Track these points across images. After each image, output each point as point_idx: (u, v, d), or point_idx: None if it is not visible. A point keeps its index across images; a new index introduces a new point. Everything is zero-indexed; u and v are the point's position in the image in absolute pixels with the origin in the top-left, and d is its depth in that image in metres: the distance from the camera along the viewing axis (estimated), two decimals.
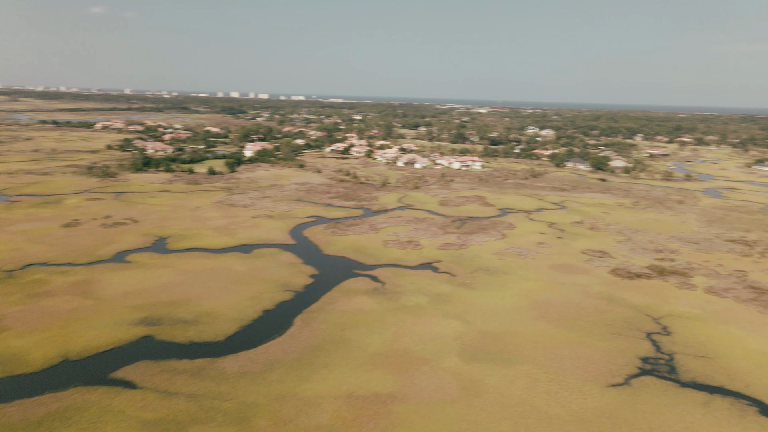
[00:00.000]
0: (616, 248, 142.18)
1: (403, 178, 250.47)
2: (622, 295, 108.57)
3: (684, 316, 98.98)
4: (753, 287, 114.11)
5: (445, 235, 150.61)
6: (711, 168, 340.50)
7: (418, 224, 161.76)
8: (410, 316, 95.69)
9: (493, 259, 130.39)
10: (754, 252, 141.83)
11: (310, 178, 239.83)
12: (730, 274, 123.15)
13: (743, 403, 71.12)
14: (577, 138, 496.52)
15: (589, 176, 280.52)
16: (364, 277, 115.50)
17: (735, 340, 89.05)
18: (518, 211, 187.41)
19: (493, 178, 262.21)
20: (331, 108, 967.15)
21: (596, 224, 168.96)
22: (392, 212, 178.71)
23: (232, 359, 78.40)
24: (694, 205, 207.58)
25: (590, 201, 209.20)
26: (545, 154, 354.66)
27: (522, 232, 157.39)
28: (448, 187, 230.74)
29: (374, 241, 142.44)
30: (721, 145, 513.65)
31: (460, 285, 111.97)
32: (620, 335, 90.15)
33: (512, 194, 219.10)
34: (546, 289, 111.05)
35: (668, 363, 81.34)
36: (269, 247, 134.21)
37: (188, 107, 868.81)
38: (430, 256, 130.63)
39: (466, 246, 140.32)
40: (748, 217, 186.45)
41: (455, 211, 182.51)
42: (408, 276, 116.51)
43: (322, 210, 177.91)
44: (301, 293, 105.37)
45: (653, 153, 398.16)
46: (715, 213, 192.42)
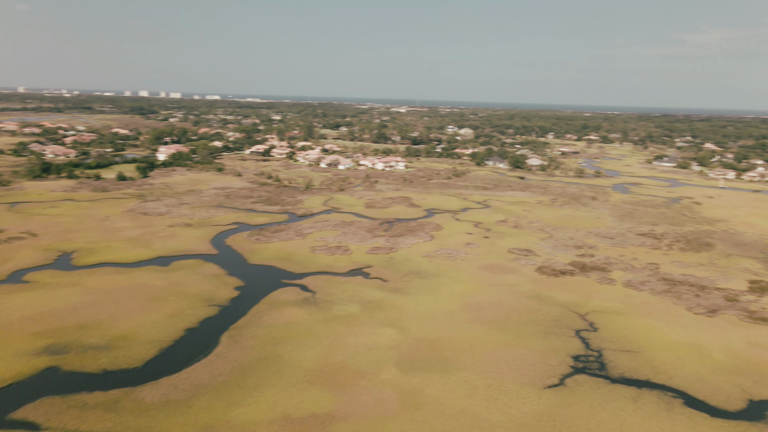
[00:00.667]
0: (540, 246, 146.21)
1: (328, 180, 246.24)
2: (549, 293, 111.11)
3: (607, 311, 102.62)
4: (665, 279, 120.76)
5: (374, 238, 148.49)
6: (617, 164, 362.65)
7: (345, 228, 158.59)
8: (344, 326, 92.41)
9: (424, 261, 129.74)
10: (663, 245, 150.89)
11: (231, 183, 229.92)
12: (644, 267, 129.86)
13: (669, 395, 73.99)
14: (495, 137, 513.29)
15: (509, 174, 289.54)
16: (293, 286, 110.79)
17: (655, 333, 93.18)
18: (444, 211, 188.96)
19: (417, 178, 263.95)
20: (249, 108, 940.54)
21: (519, 222, 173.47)
22: (318, 216, 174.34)
23: (153, 387, 71.60)
24: (605, 200, 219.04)
25: (512, 199, 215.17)
26: (466, 153, 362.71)
27: (449, 232, 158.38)
28: (374, 189, 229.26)
29: (301, 247, 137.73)
30: (623, 143, 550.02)
31: (392, 291, 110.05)
32: (551, 334, 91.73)
33: (437, 194, 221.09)
34: (477, 290, 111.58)
35: (598, 359, 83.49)
36: (189, 259, 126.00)
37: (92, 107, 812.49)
38: (360, 262, 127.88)
39: (396, 249, 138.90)
40: (654, 211, 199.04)
41: (382, 213, 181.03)
42: (339, 283, 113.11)
43: (245, 216, 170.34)
44: (226, 308, 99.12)
45: (565, 151, 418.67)
46: (625, 208, 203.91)
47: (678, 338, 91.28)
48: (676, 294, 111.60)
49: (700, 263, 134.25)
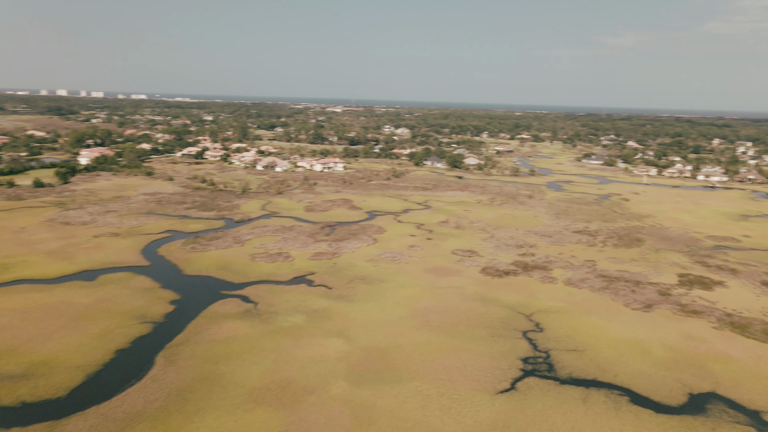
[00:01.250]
0: (483, 246, 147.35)
1: (265, 183, 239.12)
2: (495, 294, 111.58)
3: (551, 310, 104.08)
4: (603, 276, 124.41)
5: (316, 243, 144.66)
6: (549, 162, 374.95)
7: (286, 233, 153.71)
8: (289, 338, 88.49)
9: (368, 266, 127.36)
10: (597, 241, 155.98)
11: (162, 187, 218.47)
12: (582, 264, 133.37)
13: (616, 393, 75.28)
14: (431, 136, 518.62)
15: (447, 174, 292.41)
16: (233, 297, 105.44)
17: (598, 330, 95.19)
18: (386, 213, 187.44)
19: (357, 179, 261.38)
20: (179, 108, 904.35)
21: (461, 223, 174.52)
22: (257, 221, 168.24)
23: (80, 419, 65.22)
24: (541, 199, 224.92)
25: (452, 199, 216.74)
26: (404, 153, 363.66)
27: (392, 235, 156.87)
28: (313, 191, 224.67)
29: (240, 255, 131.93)
30: (553, 141, 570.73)
31: (338, 298, 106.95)
32: (500, 337, 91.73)
33: (378, 196, 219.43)
34: (424, 294, 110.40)
35: (546, 361, 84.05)
36: (118, 272, 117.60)
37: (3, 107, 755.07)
38: (303, 268, 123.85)
39: (339, 254, 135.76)
40: (587, 209, 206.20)
41: (323, 217, 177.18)
42: (282, 293, 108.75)
43: (178, 223, 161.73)
44: (161, 324, 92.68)
45: (500, 150, 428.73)
46: (560, 206, 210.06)
47: (619, 335, 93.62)
48: (614, 290, 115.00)
49: (633, 258, 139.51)
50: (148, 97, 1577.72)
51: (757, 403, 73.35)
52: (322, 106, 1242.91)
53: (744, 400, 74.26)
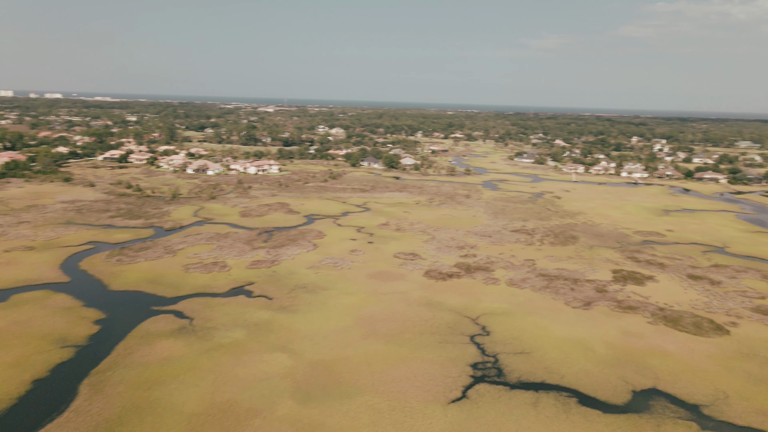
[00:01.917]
0: (424, 248, 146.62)
1: (196, 187, 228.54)
2: (439, 298, 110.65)
3: (496, 312, 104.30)
4: (543, 275, 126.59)
5: (254, 251, 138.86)
6: (483, 161, 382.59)
7: (221, 241, 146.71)
8: (229, 356, 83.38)
9: (309, 273, 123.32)
10: (535, 240, 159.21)
11: (82, 194, 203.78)
12: (522, 264, 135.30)
13: (564, 395, 75.71)
14: (366, 136, 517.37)
15: (385, 175, 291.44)
16: (166, 314, 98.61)
17: (542, 331, 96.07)
18: (325, 216, 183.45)
19: (293, 182, 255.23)
20: (99, 108, 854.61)
21: (401, 225, 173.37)
22: (189, 229, 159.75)
23: None
24: (478, 198, 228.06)
25: (391, 201, 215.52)
26: (340, 154, 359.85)
27: (333, 239, 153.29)
28: (248, 195, 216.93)
29: (173, 266, 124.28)
30: (486, 140, 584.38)
31: (279, 309, 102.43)
32: (448, 342, 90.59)
33: (315, 198, 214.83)
34: (368, 302, 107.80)
35: (495, 365, 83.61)
36: (34, 290, 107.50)
37: None
38: (240, 278, 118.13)
39: (278, 261, 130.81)
40: (523, 207, 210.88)
41: (260, 222, 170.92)
42: (219, 306, 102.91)
43: (102, 233, 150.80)
44: (84, 348, 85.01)
45: (435, 149, 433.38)
46: (497, 205, 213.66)
47: (562, 334, 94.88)
48: (554, 289, 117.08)
49: (569, 256, 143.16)
50: (64, 96, 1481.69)
51: (695, 397, 75.89)
52: (253, 106, 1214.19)
53: (683, 394, 76.65)
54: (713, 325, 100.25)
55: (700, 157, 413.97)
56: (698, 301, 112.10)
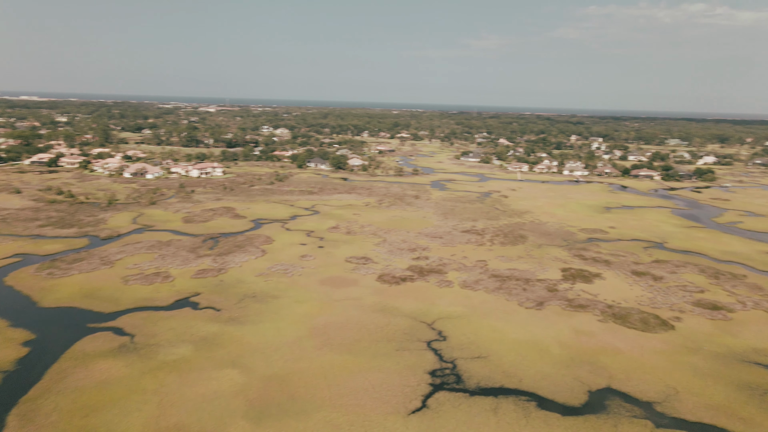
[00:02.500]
0: (376, 252, 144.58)
1: (135, 192, 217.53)
2: (394, 303, 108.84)
3: (452, 316, 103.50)
4: (495, 276, 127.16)
5: (199, 259, 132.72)
6: (430, 161, 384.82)
7: (163, 249, 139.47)
8: (175, 375, 78.39)
9: (259, 282, 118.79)
10: (486, 240, 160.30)
11: (7, 202, 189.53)
12: (474, 265, 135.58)
13: (523, 399, 75.42)
14: (312, 137, 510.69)
15: (332, 176, 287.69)
16: (104, 331, 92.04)
17: (498, 334, 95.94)
18: (272, 220, 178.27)
19: (238, 184, 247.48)
20: (25, 108, 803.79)
21: (352, 228, 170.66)
22: (128, 237, 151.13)
23: None
24: (428, 199, 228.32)
25: (339, 203, 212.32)
26: (286, 155, 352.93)
27: (282, 245, 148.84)
28: (191, 200, 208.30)
29: (110, 278, 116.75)
30: (432, 140, 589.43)
31: (228, 321, 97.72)
32: (405, 350, 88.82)
33: (262, 202, 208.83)
34: (322, 309, 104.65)
35: (453, 372, 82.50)
36: None
37: None
38: (185, 290, 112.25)
39: (225, 270, 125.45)
40: (471, 207, 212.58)
41: (204, 228, 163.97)
42: (163, 320, 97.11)
43: (30, 244, 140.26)
44: (12, 373, 77.86)
45: (382, 149, 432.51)
46: (446, 205, 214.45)
47: (518, 336, 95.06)
48: (507, 290, 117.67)
49: (520, 256, 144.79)
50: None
51: (648, 395, 77.34)
52: (194, 106, 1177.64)
53: (636, 392, 77.99)
54: (659, 320, 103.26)
55: (635, 155, 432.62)
56: (643, 297, 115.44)
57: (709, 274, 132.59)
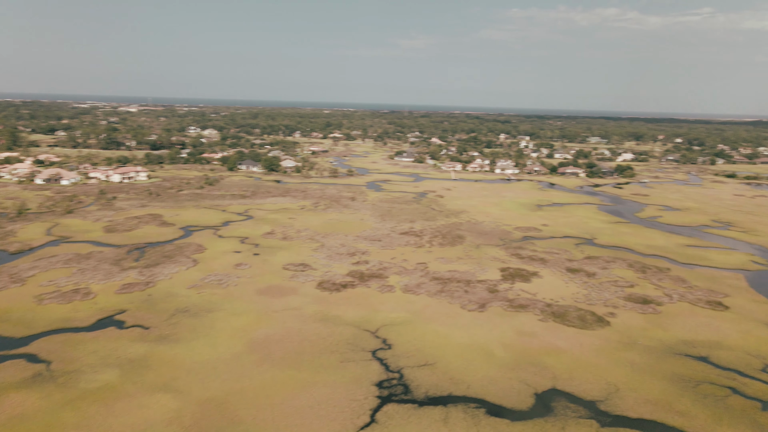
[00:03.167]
0: (314, 258, 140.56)
1: (48, 200, 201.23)
2: (336, 312, 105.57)
3: (395, 322, 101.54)
4: (436, 278, 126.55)
5: (123, 272, 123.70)
6: (364, 161, 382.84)
7: (82, 263, 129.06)
8: (99, 405, 71.56)
9: (191, 294, 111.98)
10: (424, 242, 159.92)
11: None
12: (415, 268, 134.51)
13: (472, 407, 74.45)
14: (243, 138, 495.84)
15: (265, 179, 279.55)
16: (15, 359, 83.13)
17: (443, 339, 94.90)
18: (204, 227, 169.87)
19: (165, 190, 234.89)
20: None
21: (288, 233, 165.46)
22: (41, 251, 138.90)
23: None
24: (364, 200, 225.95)
25: (274, 207, 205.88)
26: (215, 157, 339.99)
27: (214, 253, 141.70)
28: (113, 207, 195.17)
29: (22, 298, 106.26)
30: (365, 139, 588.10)
31: (158, 340, 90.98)
32: (350, 361, 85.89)
33: (191, 208, 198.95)
34: (260, 322, 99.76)
35: (400, 382, 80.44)
36: None
37: None
38: (109, 307, 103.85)
39: (154, 283, 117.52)
40: (408, 208, 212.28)
41: (129, 238, 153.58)
42: (84, 343, 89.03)
43: None
44: None
45: (315, 150, 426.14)
46: (383, 207, 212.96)
47: (463, 341, 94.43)
48: (449, 293, 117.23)
49: (459, 257, 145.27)
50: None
51: (591, 393, 78.53)
52: (113, 106, 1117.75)
53: (580, 391, 79.01)
54: (595, 317, 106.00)
55: (560, 153, 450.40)
56: (579, 294, 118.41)
57: (637, 269, 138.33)
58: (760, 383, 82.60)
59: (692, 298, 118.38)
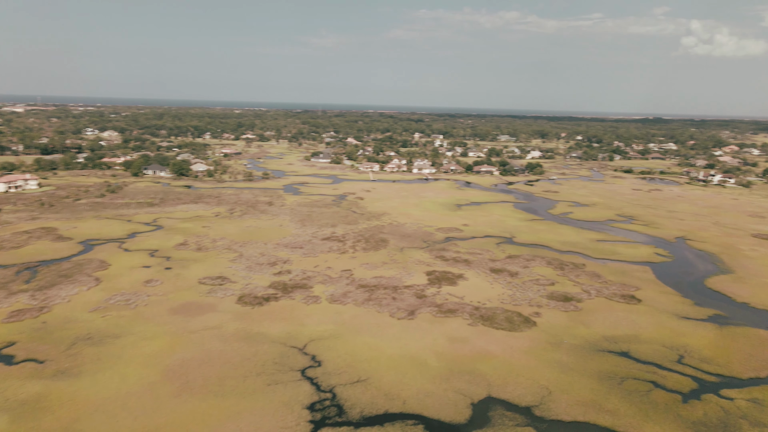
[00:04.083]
0: (233, 269, 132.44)
1: None
2: (259, 328, 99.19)
3: (323, 336, 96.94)
4: (362, 286, 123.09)
5: (12, 297, 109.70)
6: (280, 163, 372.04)
7: None
8: None
9: (94, 319, 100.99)
10: (348, 247, 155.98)
11: None
12: (340, 276, 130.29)
13: (410, 424, 71.67)
14: (148, 140, 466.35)
15: (175, 184, 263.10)
16: None
17: (374, 351, 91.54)
18: (106, 240, 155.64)
19: (60, 199, 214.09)
20: None
21: (202, 243, 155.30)
22: None
23: None
24: (282, 205, 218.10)
25: (186, 215, 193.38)
26: (118, 162, 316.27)
27: (120, 269, 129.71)
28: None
29: None
30: (279, 140, 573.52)
31: (56, 375, 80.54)
32: (277, 383, 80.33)
33: (91, 219, 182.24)
34: (176, 345, 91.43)
35: (333, 402, 76.14)
36: None
37: None
38: None
39: (49, 308, 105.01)
40: (328, 212, 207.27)
41: (17, 257, 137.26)
42: None
43: None
44: None
45: (227, 152, 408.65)
46: (302, 211, 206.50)
47: (395, 352, 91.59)
48: (377, 301, 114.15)
49: (384, 262, 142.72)
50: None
51: (525, 399, 78.31)
52: None
53: (514, 398, 78.60)
54: (522, 317, 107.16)
55: (474, 152, 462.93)
56: (504, 295, 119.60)
57: (555, 266, 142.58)
58: (678, 375, 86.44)
59: (608, 293, 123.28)
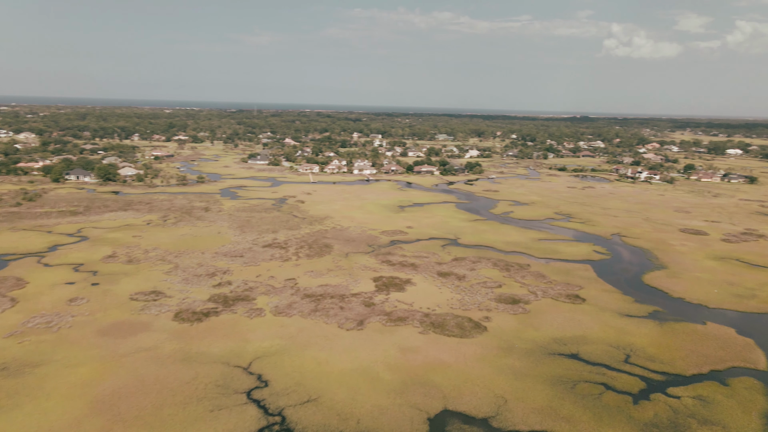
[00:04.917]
0: (168, 282, 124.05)
1: None
2: (199, 347, 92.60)
3: (269, 353, 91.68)
4: (308, 295, 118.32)
5: None
6: (215, 166, 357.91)
7: None
8: None
9: (10, 346, 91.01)
10: (290, 254, 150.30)
11: None
12: (284, 285, 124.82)
13: None
14: (69, 143, 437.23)
15: (101, 190, 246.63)
16: None
17: (324, 367, 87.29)
18: (23, 255, 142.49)
19: None
20: None
21: (133, 254, 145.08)
22: None
23: None
24: (219, 210, 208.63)
25: (114, 223, 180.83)
26: (36, 167, 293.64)
27: (40, 287, 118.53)
28: None
29: None
30: (214, 141, 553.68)
31: None
32: (222, 409, 74.61)
33: (5, 231, 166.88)
34: (105, 372, 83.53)
35: (283, 427, 71.42)
36: None
37: None
38: None
39: None
40: (269, 216, 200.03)
41: None
42: None
43: None
44: None
45: (158, 155, 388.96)
46: (241, 216, 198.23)
47: (345, 366, 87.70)
48: (324, 311, 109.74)
49: (329, 268, 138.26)
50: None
51: (482, 410, 76.49)
52: None
53: (471, 409, 76.63)
54: (472, 323, 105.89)
55: (413, 151, 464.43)
56: (453, 300, 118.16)
57: (501, 267, 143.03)
58: (626, 375, 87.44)
59: (554, 293, 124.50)
